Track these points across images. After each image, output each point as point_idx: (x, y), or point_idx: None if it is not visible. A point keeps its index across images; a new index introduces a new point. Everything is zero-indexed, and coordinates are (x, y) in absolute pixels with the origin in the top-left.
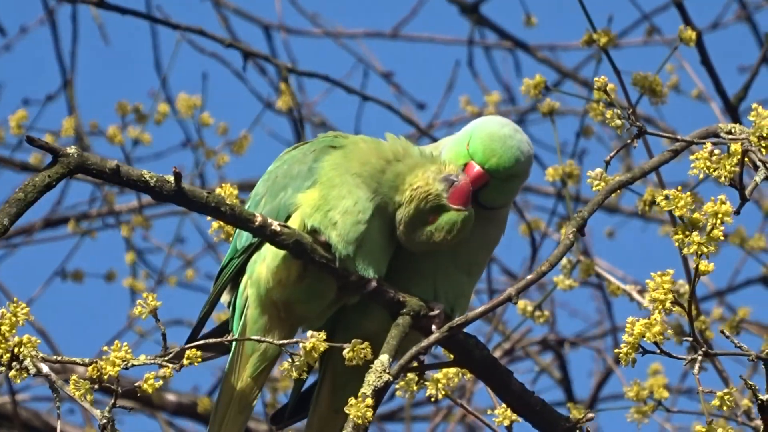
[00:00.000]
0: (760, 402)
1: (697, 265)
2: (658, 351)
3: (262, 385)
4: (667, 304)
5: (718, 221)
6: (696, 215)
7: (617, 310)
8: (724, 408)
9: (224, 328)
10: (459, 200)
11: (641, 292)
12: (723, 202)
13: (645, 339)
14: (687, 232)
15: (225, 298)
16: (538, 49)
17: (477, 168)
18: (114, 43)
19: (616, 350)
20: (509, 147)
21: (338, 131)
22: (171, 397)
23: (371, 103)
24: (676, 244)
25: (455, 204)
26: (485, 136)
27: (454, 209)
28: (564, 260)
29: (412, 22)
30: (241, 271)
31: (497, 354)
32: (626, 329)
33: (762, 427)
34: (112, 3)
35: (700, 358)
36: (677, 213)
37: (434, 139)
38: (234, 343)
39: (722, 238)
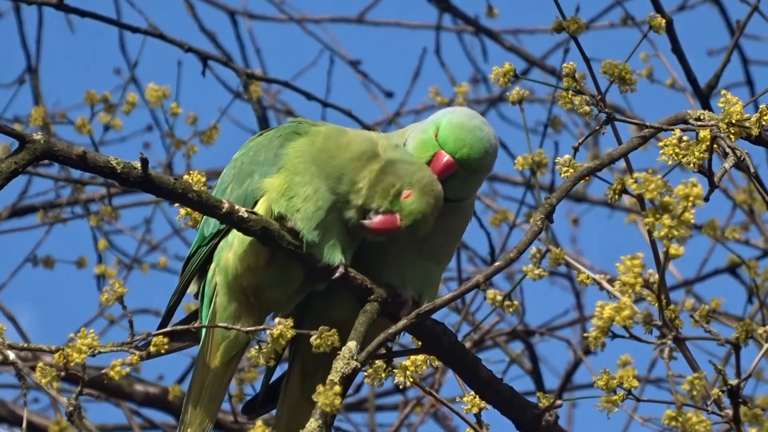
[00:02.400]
0: (729, 386)
1: (668, 249)
2: (628, 335)
3: (233, 373)
4: (637, 288)
5: (690, 204)
6: (667, 198)
7: (587, 302)
8: (694, 393)
9: (195, 317)
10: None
11: (611, 281)
12: (694, 185)
13: (614, 323)
14: (658, 215)
15: (192, 288)
16: (504, 32)
17: (447, 157)
18: (81, 33)
19: (585, 334)
20: (480, 138)
21: (304, 117)
22: (139, 387)
23: (337, 92)
24: (647, 227)
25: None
26: (456, 126)
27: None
28: (533, 249)
29: (378, 7)
30: (208, 259)
31: (467, 345)
32: (596, 313)
33: (731, 413)
34: (73, 6)
35: (669, 342)
36: (648, 196)
37: (399, 127)
38: (203, 331)
39: (693, 221)
